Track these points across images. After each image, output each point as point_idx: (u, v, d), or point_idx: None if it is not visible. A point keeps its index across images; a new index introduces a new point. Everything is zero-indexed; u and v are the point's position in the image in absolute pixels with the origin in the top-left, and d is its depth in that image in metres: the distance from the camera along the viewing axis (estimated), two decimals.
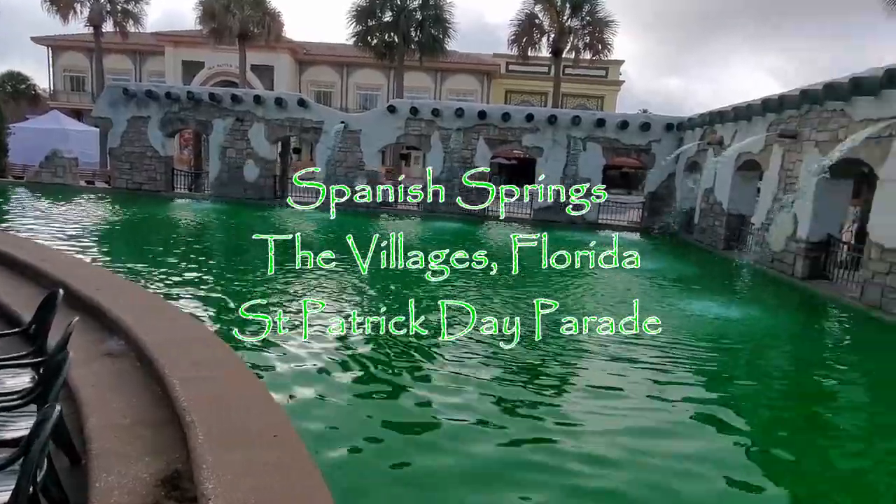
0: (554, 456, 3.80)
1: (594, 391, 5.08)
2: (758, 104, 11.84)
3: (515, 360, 5.61)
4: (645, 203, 18.38)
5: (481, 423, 4.21)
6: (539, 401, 4.70)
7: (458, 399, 4.62)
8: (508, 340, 6.09)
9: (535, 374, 5.34)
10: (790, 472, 3.98)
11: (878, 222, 8.28)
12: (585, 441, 4.08)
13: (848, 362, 6.71)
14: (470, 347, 5.87)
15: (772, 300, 9.57)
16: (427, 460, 3.73)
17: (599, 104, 44.49)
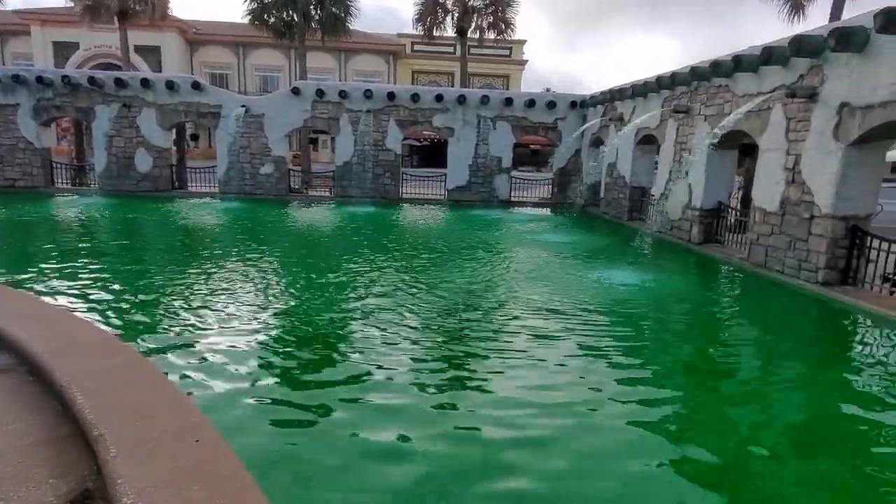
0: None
1: (516, 353, 5.30)
2: (653, 81, 12.54)
3: (434, 333, 5.67)
4: (554, 179, 19.03)
5: (401, 393, 4.26)
6: (461, 375, 4.75)
7: (379, 386, 4.58)
8: (427, 318, 6.15)
9: (457, 345, 5.40)
10: (687, 409, 4.42)
11: (760, 189, 9.08)
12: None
13: (737, 313, 7.51)
14: (388, 328, 5.83)
15: (672, 264, 10.26)
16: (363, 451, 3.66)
17: (505, 83, 45.32)
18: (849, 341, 6.60)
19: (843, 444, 4.03)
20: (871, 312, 6.85)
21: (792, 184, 8.31)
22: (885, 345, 6.13)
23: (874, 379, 5.15)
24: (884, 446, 4.05)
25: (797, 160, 8.20)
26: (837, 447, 4.00)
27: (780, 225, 8.54)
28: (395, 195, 18.13)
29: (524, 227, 14.16)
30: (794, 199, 8.25)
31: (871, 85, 6.92)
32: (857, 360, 5.90)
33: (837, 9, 16.74)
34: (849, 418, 4.38)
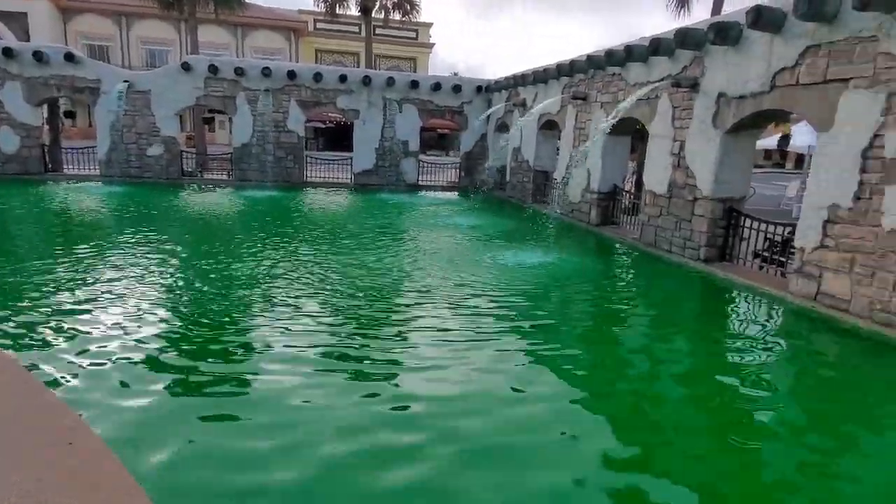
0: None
1: (430, 332, 5.32)
2: (553, 68, 12.94)
3: (349, 317, 5.55)
4: (461, 163, 19.21)
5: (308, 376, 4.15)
6: (370, 354, 4.68)
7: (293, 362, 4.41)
8: (338, 303, 6.01)
9: (372, 327, 5.32)
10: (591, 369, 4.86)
11: (650, 173, 9.68)
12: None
13: (629, 288, 8.09)
14: (291, 315, 5.62)
15: (572, 245, 10.72)
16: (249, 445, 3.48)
17: (412, 66, 45.01)
18: (723, 310, 7.28)
19: (711, 380, 4.98)
20: (744, 285, 7.54)
21: (678, 168, 8.93)
22: (751, 312, 6.93)
23: (740, 339, 6.00)
24: (733, 375, 5.05)
25: (682, 146, 8.81)
26: (706, 380, 4.97)
27: (668, 207, 9.17)
28: (298, 179, 17.47)
29: (432, 211, 14.19)
30: (680, 183, 8.88)
31: (744, 77, 7.54)
32: (728, 325, 6.67)
33: (718, 4, 18.13)
34: (717, 365, 5.36)
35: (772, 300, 7.02)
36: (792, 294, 6.81)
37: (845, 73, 6.16)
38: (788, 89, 6.90)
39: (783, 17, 6.82)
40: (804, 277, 6.68)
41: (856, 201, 6.07)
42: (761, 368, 5.19)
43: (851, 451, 3.85)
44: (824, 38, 6.38)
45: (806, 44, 6.61)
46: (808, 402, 4.69)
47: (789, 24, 6.79)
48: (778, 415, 4.40)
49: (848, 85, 6.14)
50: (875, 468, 3.66)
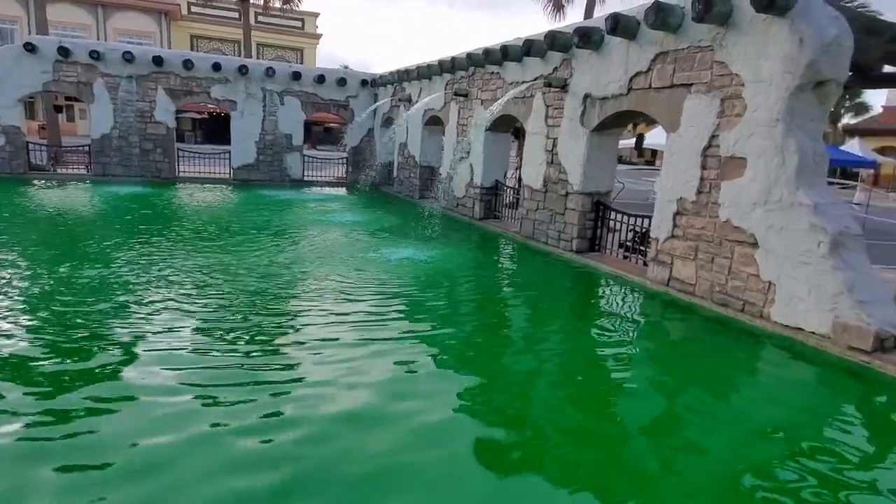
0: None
1: (314, 327, 5.21)
2: (436, 65, 13.09)
3: (227, 325, 5.22)
4: (348, 158, 18.87)
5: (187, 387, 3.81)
6: (256, 359, 4.45)
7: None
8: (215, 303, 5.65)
9: (253, 337, 5.05)
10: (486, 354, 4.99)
11: (527, 168, 10.11)
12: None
13: (510, 278, 8.47)
14: (163, 323, 5.20)
15: (457, 239, 10.92)
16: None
17: (299, 57, 43.42)
18: (593, 296, 7.83)
19: (582, 355, 5.60)
20: (611, 273, 8.13)
21: (551, 164, 9.40)
22: (616, 297, 7.54)
23: (608, 321, 6.58)
24: (600, 349, 5.75)
25: (555, 143, 9.29)
26: (579, 355, 5.56)
27: (544, 201, 9.64)
28: (170, 174, 16.23)
29: (318, 208, 13.82)
30: (554, 178, 9.36)
31: (606, 79, 8.09)
32: (597, 309, 7.27)
33: (590, 9, 19.30)
34: (588, 342, 5.94)
35: (634, 286, 7.62)
36: (650, 280, 7.44)
37: (688, 78, 6.81)
38: (643, 92, 7.50)
39: (637, 26, 7.39)
40: (659, 265, 7.32)
41: (698, 195, 6.74)
42: (623, 343, 5.86)
43: (697, 407, 4.46)
44: (671, 47, 7.01)
45: (656, 51, 7.21)
46: (661, 370, 5.25)
47: (642, 32, 7.37)
48: (635, 381, 5.03)
49: (690, 90, 6.79)
50: (717, 421, 4.25)
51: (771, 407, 4.57)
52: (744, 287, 6.22)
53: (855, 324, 5.20)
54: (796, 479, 3.41)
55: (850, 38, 5.62)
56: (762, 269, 6.02)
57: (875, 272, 5.85)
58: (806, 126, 5.84)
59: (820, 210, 5.54)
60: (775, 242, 5.87)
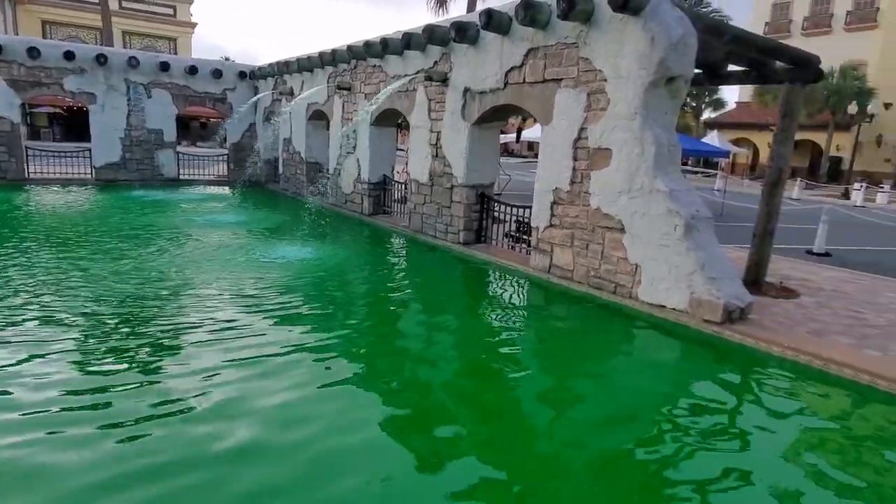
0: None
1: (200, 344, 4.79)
2: (317, 57, 12.68)
3: (92, 340, 4.67)
4: (229, 155, 17.83)
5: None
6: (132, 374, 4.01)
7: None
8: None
9: (122, 351, 4.56)
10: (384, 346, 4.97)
11: (414, 162, 10.11)
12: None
13: (401, 272, 8.39)
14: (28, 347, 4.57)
15: (347, 236, 10.74)
16: None
17: (172, 47, 40.42)
18: (481, 285, 8.01)
19: (475, 340, 5.81)
20: (497, 263, 8.35)
21: (436, 158, 9.47)
22: (503, 285, 7.77)
23: (495, 308, 6.79)
24: (491, 334, 5.96)
25: (439, 137, 9.36)
26: (471, 341, 5.78)
27: (431, 195, 9.69)
28: (18, 175, 14.40)
29: (197, 208, 12.93)
30: (439, 172, 9.43)
31: (483, 74, 8.27)
32: (485, 297, 7.46)
33: (472, 5, 19.67)
34: (479, 328, 6.12)
35: (518, 274, 7.89)
36: (533, 268, 7.73)
37: (558, 74, 7.12)
38: (518, 87, 7.75)
39: (510, 22, 7.60)
40: (540, 253, 7.62)
41: (571, 185, 7.09)
42: (511, 327, 6.18)
43: (580, 381, 4.85)
44: (541, 43, 7.29)
45: (528, 46, 7.47)
46: (547, 349, 5.67)
47: (514, 28, 7.60)
48: (524, 359, 5.38)
49: (560, 84, 7.11)
50: (597, 393, 4.68)
51: (642, 376, 5.04)
52: (615, 270, 6.64)
53: (707, 298, 5.73)
54: (670, 432, 3.83)
55: (695, 37, 6.15)
56: (629, 253, 6.45)
57: (723, 251, 6.48)
58: (660, 119, 6.33)
59: (675, 196, 6.04)
60: (639, 227, 6.32)
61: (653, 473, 3.46)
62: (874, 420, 4.34)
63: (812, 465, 3.57)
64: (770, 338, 5.37)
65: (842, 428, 4.20)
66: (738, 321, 5.77)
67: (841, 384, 4.69)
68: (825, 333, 6.29)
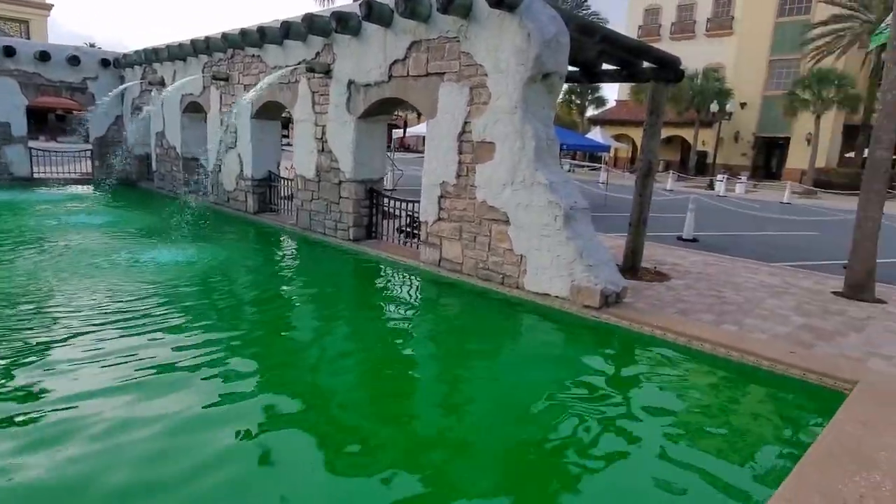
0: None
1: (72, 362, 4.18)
2: (189, 45, 11.79)
3: None
4: (94, 150, 16.14)
5: None
6: None
7: None
8: None
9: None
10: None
11: (299, 157, 9.69)
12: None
13: (291, 273, 8.06)
14: None
15: (231, 235, 10.10)
16: None
17: (23, 30, 36.06)
18: (373, 282, 7.86)
19: (370, 336, 5.69)
20: (389, 259, 8.23)
21: (322, 152, 9.14)
22: (395, 280, 7.71)
23: (389, 303, 6.78)
24: (385, 330, 5.92)
25: (324, 131, 9.04)
26: (367, 337, 5.65)
27: (318, 191, 9.35)
28: None
29: (55, 210, 11.55)
30: (326, 167, 9.12)
31: (367, 66, 8.08)
32: (378, 293, 7.34)
33: None
34: (373, 324, 6.05)
35: (409, 269, 7.82)
36: (423, 262, 7.69)
37: (441, 67, 7.11)
38: (402, 80, 7.65)
39: (391, 14, 7.47)
40: (430, 246, 7.60)
41: (458, 178, 7.13)
42: (403, 322, 6.17)
43: (472, 370, 4.96)
44: (423, 36, 7.23)
45: (410, 39, 7.39)
46: (437, 344, 5.68)
47: (396, 21, 7.49)
48: (421, 350, 5.54)
49: (443, 78, 7.10)
50: (489, 376, 4.84)
51: (529, 362, 5.21)
52: (502, 262, 6.77)
53: (586, 285, 5.99)
54: (560, 412, 4.12)
55: (567, 35, 6.38)
56: (515, 244, 6.60)
57: (599, 239, 6.82)
58: (538, 113, 6.51)
59: (554, 188, 6.24)
60: (523, 219, 6.47)
61: (548, 452, 3.63)
62: (728, 389, 4.75)
63: (683, 427, 3.92)
64: (643, 319, 5.71)
65: (704, 396, 4.59)
66: (614, 305, 6.08)
67: (701, 358, 5.09)
68: (691, 312, 6.82)
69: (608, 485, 3.28)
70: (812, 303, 7.62)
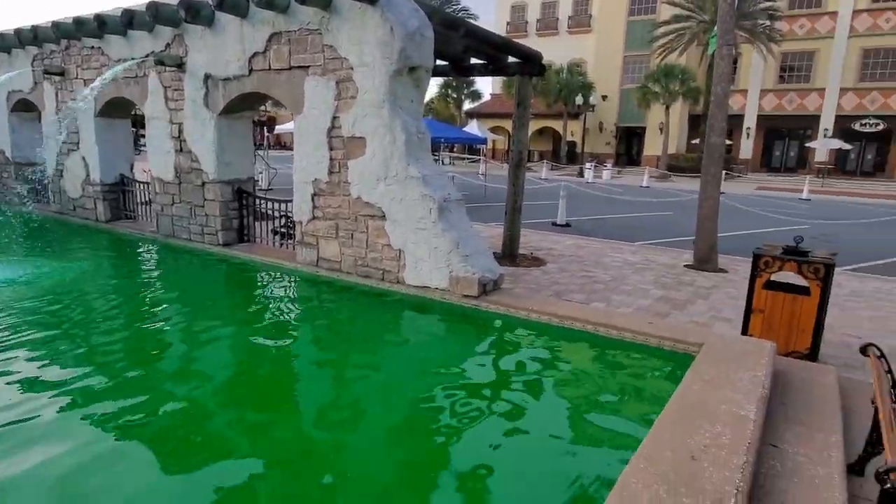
0: None
1: None
2: (12, 35, 10.31)
3: None
4: None
5: None
6: None
7: None
8: None
9: None
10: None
11: (154, 158, 8.86)
12: None
13: (156, 284, 7.33)
14: None
15: (80, 248, 9.05)
16: None
17: None
18: (248, 287, 7.43)
19: (249, 346, 5.28)
20: (264, 262, 7.79)
21: (181, 152, 8.44)
22: (272, 284, 7.36)
23: (266, 310, 6.40)
24: (266, 338, 5.49)
25: (181, 129, 8.34)
26: (244, 347, 5.29)
27: (180, 194, 8.63)
28: None
29: None
30: (186, 168, 8.43)
31: (225, 59, 7.56)
32: (254, 299, 6.95)
33: None
34: (250, 333, 5.59)
35: (286, 271, 7.47)
36: (300, 263, 7.39)
37: (305, 61, 6.83)
38: (264, 73, 7.25)
39: (247, 3, 7.04)
40: (306, 247, 7.32)
41: (330, 175, 6.91)
42: (284, 325, 5.89)
43: (357, 369, 4.87)
44: (283, 28, 6.90)
45: (270, 31, 7.01)
46: (322, 343, 5.57)
47: (253, 11, 7.07)
48: (301, 352, 5.31)
49: (308, 72, 6.83)
50: (375, 376, 4.76)
51: (414, 354, 5.27)
52: (381, 257, 6.67)
53: (464, 275, 6.07)
54: (445, 398, 4.18)
55: (430, 29, 6.40)
56: (392, 239, 6.53)
57: (475, 229, 6.96)
58: (407, 107, 6.48)
59: (427, 181, 6.25)
60: (399, 213, 6.42)
61: (439, 441, 3.68)
62: (600, 361, 5.06)
63: (561, 398, 4.22)
64: (520, 304, 5.90)
65: (578, 370, 4.89)
66: (493, 292, 6.24)
67: (575, 335, 5.35)
68: (565, 293, 7.19)
69: (498, 460, 3.40)
70: (668, 276, 8.38)
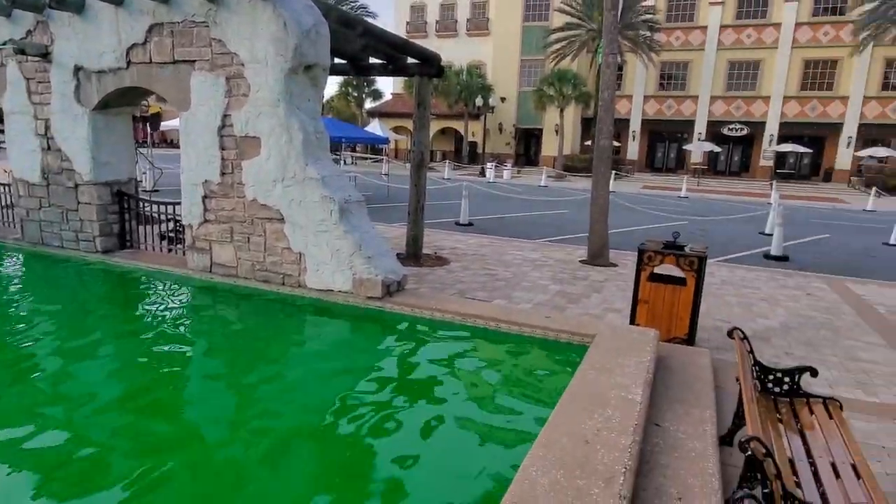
0: None
1: None
2: None
3: None
4: None
5: None
6: None
7: None
8: None
9: None
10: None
11: (17, 158, 7.94)
12: None
13: (23, 299, 6.55)
14: None
15: None
16: None
17: None
18: (133, 298, 6.88)
19: (134, 363, 4.97)
20: (150, 270, 7.25)
21: (49, 151, 7.64)
22: (160, 293, 6.87)
23: (153, 321, 5.92)
24: (152, 352, 5.08)
25: (48, 125, 7.55)
26: (130, 365, 4.92)
27: (48, 197, 7.81)
28: None
29: None
30: (56, 168, 7.64)
31: (98, 49, 6.93)
32: (140, 311, 6.43)
33: None
34: (137, 348, 5.23)
35: (177, 278, 7.00)
36: (192, 269, 6.95)
37: (190, 55, 6.42)
38: (144, 67, 6.73)
39: None
40: (198, 252, 6.90)
41: (223, 176, 6.56)
42: (176, 337, 5.55)
43: (260, 377, 4.69)
44: (165, 19, 6.44)
45: (150, 21, 6.52)
46: (220, 358, 5.27)
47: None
48: (197, 364, 5.09)
49: (195, 67, 6.43)
50: (279, 383, 4.65)
51: (318, 358, 5.20)
52: (280, 261, 6.44)
53: (367, 277, 6.01)
54: (357, 402, 4.12)
55: (326, 26, 6.26)
56: (292, 242, 6.32)
57: (377, 230, 6.92)
58: (304, 106, 6.30)
59: (327, 182, 6.11)
60: (298, 216, 6.22)
61: (349, 445, 3.66)
62: (502, 356, 5.22)
63: (467, 392, 4.29)
64: (423, 304, 5.94)
65: (481, 365, 5.01)
66: (396, 293, 6.23)
67: (478, 332, 5.47)
68: (468, 292, 7.34)
69: (409, 458, 3.43)
70: (564, 272, 8.81)
